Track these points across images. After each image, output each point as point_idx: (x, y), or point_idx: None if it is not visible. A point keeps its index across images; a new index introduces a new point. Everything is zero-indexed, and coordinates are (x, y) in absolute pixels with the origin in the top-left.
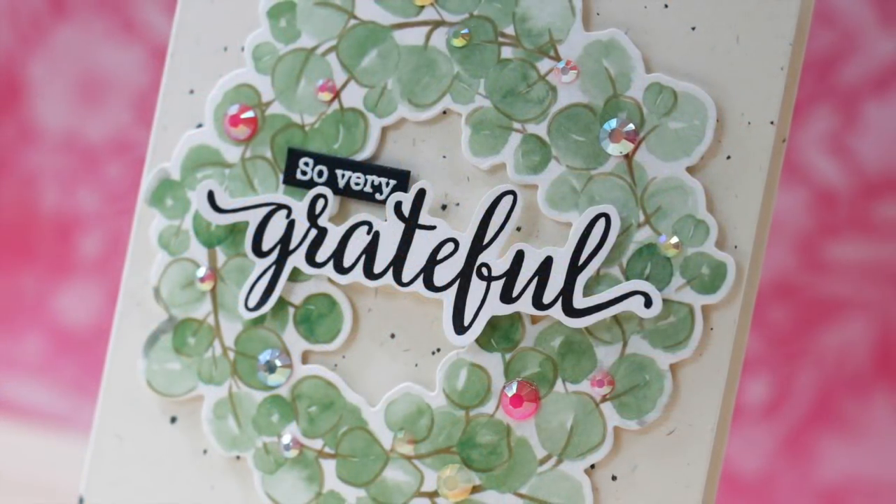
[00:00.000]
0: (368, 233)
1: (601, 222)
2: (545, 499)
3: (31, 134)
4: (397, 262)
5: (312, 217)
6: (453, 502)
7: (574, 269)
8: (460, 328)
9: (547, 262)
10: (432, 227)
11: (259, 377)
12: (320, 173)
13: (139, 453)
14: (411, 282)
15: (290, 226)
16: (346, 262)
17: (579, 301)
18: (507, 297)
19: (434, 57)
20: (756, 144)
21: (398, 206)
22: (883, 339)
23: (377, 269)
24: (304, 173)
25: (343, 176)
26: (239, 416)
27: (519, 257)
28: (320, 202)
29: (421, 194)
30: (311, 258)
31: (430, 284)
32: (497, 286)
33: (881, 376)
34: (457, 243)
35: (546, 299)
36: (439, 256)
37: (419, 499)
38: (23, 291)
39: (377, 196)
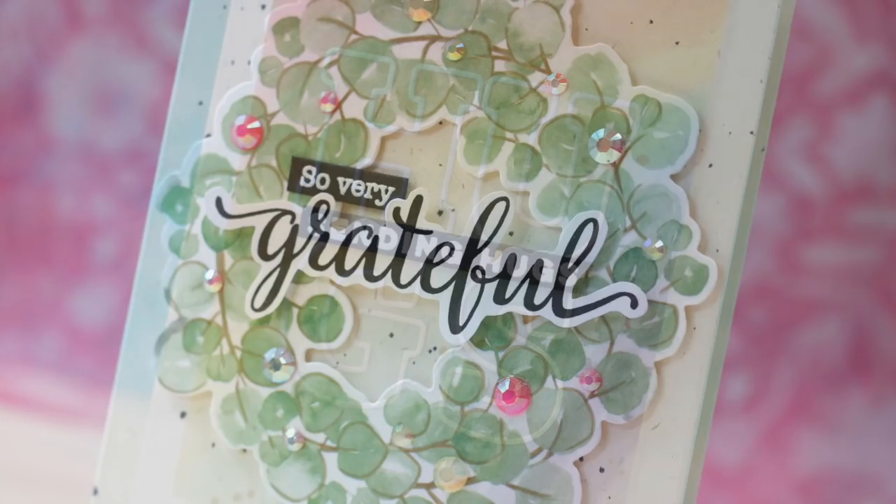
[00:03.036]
0: (368, 237)
1: (589, 227)
2: (536, 490)
3: (49, 143)
4: (396, 265)
5: (315, 222)
6: (449, 493)
7: (564, 272)
8: (456, 328)
9: (538, 265)
10: (429, 232)
11: (264, 374)
12: (323, 181)
13: (151, 447)
14: (409, 283)
15: (294, 230)
16: (348, 265)
17: (569, 302)
18: (500, 298)
19: (431, 70)
20: (736, 153)
21: (397, 211)
22: (857, 338)
23: (377, 271)
24: (307, 181)
25: (344, 183)
26: (245, 411)
27: (511, 260)
28: (323, 208)
29: (418, 200)
30: (313, 261)
31: (427, 286)
32: (491, 288)
33: (855, 373)
34: (452, 247)
35: (537, 300)
36: (436, 259)
37: (417, 490)
38: (41, 293)
39: (377, 202)
